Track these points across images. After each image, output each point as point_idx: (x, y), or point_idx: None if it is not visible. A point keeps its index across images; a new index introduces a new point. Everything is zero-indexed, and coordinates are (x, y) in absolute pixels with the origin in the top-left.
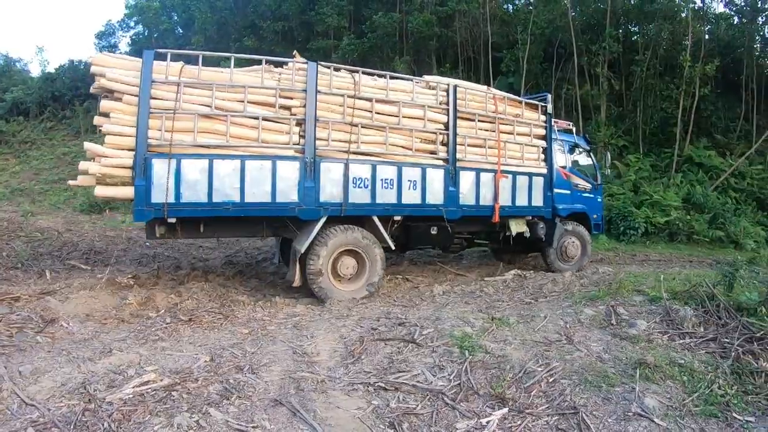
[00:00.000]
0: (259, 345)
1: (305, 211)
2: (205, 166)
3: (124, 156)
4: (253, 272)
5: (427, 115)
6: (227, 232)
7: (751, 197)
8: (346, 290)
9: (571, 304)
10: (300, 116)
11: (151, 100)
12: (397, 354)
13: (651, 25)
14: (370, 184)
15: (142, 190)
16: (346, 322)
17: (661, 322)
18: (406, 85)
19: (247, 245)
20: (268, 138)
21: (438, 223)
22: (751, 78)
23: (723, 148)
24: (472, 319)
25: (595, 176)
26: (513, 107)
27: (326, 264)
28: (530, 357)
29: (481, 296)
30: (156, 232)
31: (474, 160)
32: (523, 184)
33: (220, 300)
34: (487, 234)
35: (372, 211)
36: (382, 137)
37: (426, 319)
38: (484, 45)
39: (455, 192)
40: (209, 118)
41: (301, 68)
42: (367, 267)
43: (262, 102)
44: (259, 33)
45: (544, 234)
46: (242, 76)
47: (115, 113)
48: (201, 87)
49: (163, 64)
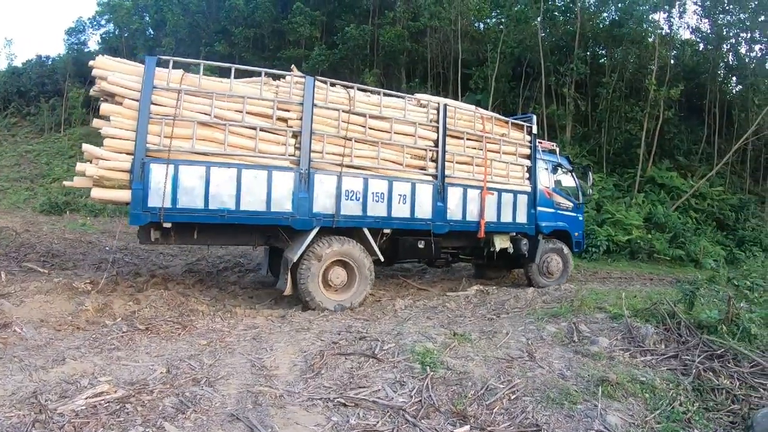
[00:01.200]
0: (217, 357)
1: (298, 221)
2: (203, 172)
3: (122, 159)
4: (213, 281)
5: (417, 132)
6: (220, 240)
7: (711, 218)
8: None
9: (533, 320)
10: (296, 128)
11: (151, 106)
12: (357, 369)
13: (618, 49)
14: (362, 197)
15: (139, 194)
16: (307, 335)
17: (623, 339)
18: (399, 103)
19: (210, 253)
20: (265, 148)
21: (425, 237)
22: (713, 103)
23: (685, 169)
24: (433, 334)
25: (577, 195)
26: (500, 127)
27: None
28: (492, 374)
29: (443, 311)
30: (151, 236)
31: (462, 177)
32: (508, 202)
33: (179, 309)
34: (472, 249)
35: (362, 224)
36: (374, 152)
37: (387, 333)
38: (454, 61)
39: (443, 207)
40: (208, 126)
41: (299, 82)
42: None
43: (259, 113)
44: (230, 38)
45: (527, 250)
46: (241, 86)
47: (115, 117)
48: (201, 95)
49: (165, 71)
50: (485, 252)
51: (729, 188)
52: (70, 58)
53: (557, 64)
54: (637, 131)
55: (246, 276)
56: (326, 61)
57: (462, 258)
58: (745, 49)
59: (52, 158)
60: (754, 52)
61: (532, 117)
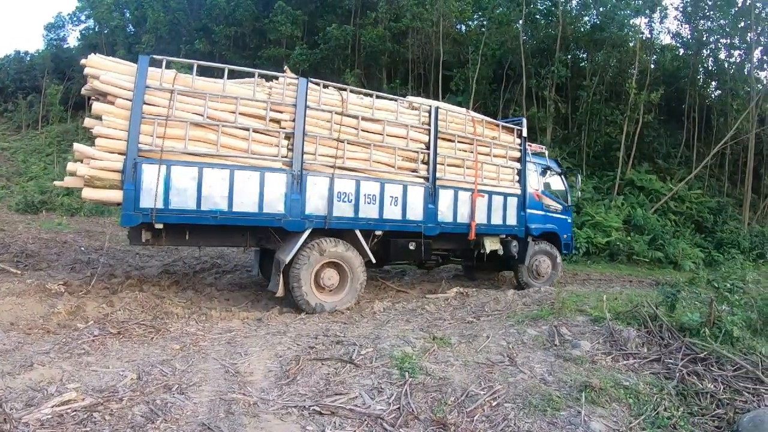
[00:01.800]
0: (190, 362)
1: (291, 222)
2: (195, 173)
3: (114, 159)
4: (189, 283)
5: (409, 135)
6: (212, 241)
7: (689, 220)
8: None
9: (513, 323)
10: (289, 130)
11: (144, 106)
12: (334, 375)
13: (599, 53)
14: (354, 198)
15: (131, 195)
16: (283, 339)
17: (605, 342)
18: (391, 105)
19: (186, 254)
20: (258, 149)
21: (416, 239)
22: (693, 107)
23: (664, 172)
24: (412, 338)
25: (566, 198)
26: (490, 130)
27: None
28: (472, 379)
29: (422, 314)
30: (142, 237)
31: (453, 179)
32: (498, 204)
33: (154, 311)
34: (462, 251)
35: (355, 225)
36: (366, 154)
37: (365, 337)
38: (435, 63)
39: (434, 209)
40: (201, 127)
41: (292, 83)
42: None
43: (252, 114)
44: (210, 37)
45: (516, 252)
46: (234, 87)
47: (107, 116)
48: (194, 96)
49: (158, 71)
50: (475, 254)
51: (707, 191)
52: (49, 54)
53: (538, 67)
54: (617, 134)
55: (223, 277)
56: (307, 61)
57: (452, 260)
58: (725, 54)
59: (29, 156)
60: (733, 58)
61: (522, 120)
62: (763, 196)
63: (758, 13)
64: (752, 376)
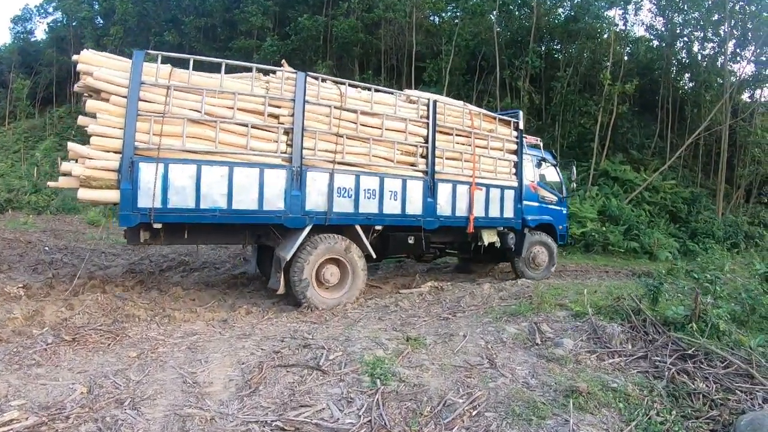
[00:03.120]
0: (146, 372)
1: (291, 219)
2: (194, 171)
3: (109, 158)
4: (155, 282)
5: (408, 128)
6: (210, 239)
7: (664, 210)
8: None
9: (491, 320)
10: (288, 125)
11: (139, 102)
12: (299, 384)
13: (574, 44)
14: (354, 194)
15: (129, 195)
16: (247, 342)
17: (588, 340)
18: (389, 99)
19: (153, 252)
20: (257, 146)
21: (415, 233)
22: (666, 99)
23: (637, 163)
24: (384, 339)
25: (560, 189)
26: (487, 123)
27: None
28: (450, 385)
29: (395, 311)
30: (140, 237)
31: (451, 173)
32: (495, 197)
33: (114, 314)
34: (460, 244)
35: (355, 221)
36: (365, 148)
37: (334, 339)
38: (408, 54)
39: (433, 203)
40: (198, 124)
41: (290, 78)
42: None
43: (250, 109)
44: (180, 28)
45: (513, 244)
46: (232, 82)
47: (101, 114)
48: (191, 91)
49: (153, 66)
50: (472, 246)
51: (681, 182)
52: (16, 48)
53: (512, 58)
54: (591, 125)
55: (190, 276)
56: (278, 52)
57: (449, 253)
58: (698, 47)
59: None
60: (706, 50)
61: (518, 113)
62: (735, 186)
63: (732, 6)
64: (743, 373)
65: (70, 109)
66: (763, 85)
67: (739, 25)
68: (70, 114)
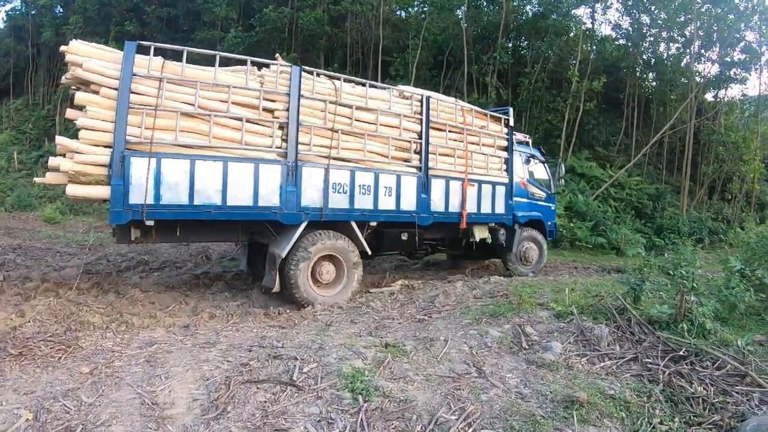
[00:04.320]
0: (100, 392)
1: (286, 215)
2: (187, 166)
3: (99, 153)
4: (112, 284)
5: (402, 124)
6: (203, 237)
7: (629, 206)
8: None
9: (471, 321)
10: (283, 120)
11: (131, 95)
12: (272, 402)
13: (543, 41)
14: (349, 189)
15: (120, 191)
16: (212, 353)
17: (576, 342)
18: (383, 94)
19: (111, 251)
20: (251, 140)
21: (409, 229)
22: (632, 97)
23: (603, 160)
24: (361, 347)
25: (549, 186)
26: (479, 119)
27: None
28: (440, 400)
29: (368, 312)
30: (131, 235)
31: (444, 169)
32: (487, 193)
33: (68, 321)
34: (451, 240)
35: (350, 217)
36: (360, 144)
37: (307, 348)
38: (375, 48)
39: (427, 199)
40: (192, 117)
41: (285, 71)
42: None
43: (245, 103)
44: (142, 18)
45: (504, 240)
46: (226, 75)
47: (91, 106)
48: (184, 84)
49: (146, 58)
50: (464, 243)
51: (646, 178)
52: None
53: (480, 53)
54: (558, 121)
55: (150, 276)
56: (242, 44)
57: (440, 249)
58: (664, 47)
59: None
60: (672, 50)
61: (509, 110)
62: (699, 183)
63: (699, 8)
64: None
65: (27, 101)
66: (728, 85)
67: (704, 27)
68: (27, 106)
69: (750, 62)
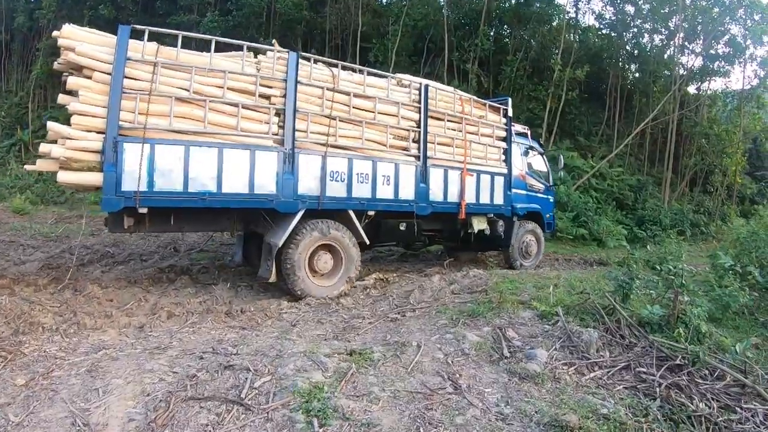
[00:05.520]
0: (31, 408)
1: (283, 203)
2: (181, 153)
3: (92, 138)
4: (72, 279)
5: (400, 113)
6: (197, 226)
7: (611, 197)
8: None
9: (447, 322)
10: (279, 106)
11: (124, 80)
12: (215, 426)
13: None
14: (347, 177)
15: (112, 177)
16: (160, 360)
17: (563, 349)
18: (381, 82)
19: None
20: (247, 127)
21: (407, 219)
22: (615, 87)
23: (585, 150)
24: (323, 355)
25: (547, 178)
26: (478, 109)
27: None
28: (407, 423)
29: (337, 311)
30: (124, 223)
31: (443, 158)
32: (486, 183)
33: (18, 322)
34: (449, 231)
35: (348, 205)
36: (358, 132)
37: (264, 355)
38: (354, 34)
39: (425, 188)
40: (187, 103)
41: (282, 57)
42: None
43: (241, 89)
44: (116, 2)
45: (503, 232)
46: (222, 60)
47: (84, 91)
48: (179, 69)
49: (140, 43)
50: (462, 234)
51: (628, 169)
52: None
53: (461, 40)
54: (540, 110)
55: (113, 270)
56: (218, 28)
57: (438, 241)
58: (647, 38)
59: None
60: (655, 42)
61: (507, 99)
62: (681, 175)
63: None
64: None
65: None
66: (711, 78)
67: (689, 19)
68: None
69: (734, 56)
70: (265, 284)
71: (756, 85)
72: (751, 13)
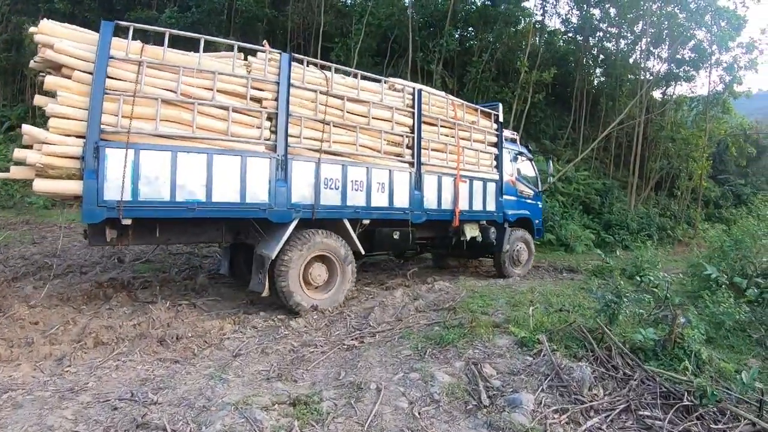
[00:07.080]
0: None
1: (276, 213)
2: (168, 159)
3: (71, 143)
4: None
5: (394, 118)
6: (185, 237)
7: (577, 201)
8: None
9: (411, 353)
10: (271, 110)
11: (107, 80)
12: None
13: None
14: (341, 185)
15: (93, 186)
16: (66, 410)
17: (551, 389)
18: (375, 86)
19: (14, 253)
20: (238, 131)
21: (402, 227)
22: (581, 91)
23: (551, 153)
24: (259, 408)
25: (536, 184)
26: (470, 114)
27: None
28: None
29: (286, 335)
30: (106, 236)
31: (436, 165)
32: (478, 189)
33: None
34: (441, 239)
35: (343, 214)
36: (352, 137)
37: (188, 406)
38: (316, 33)
39: (420, 195)
40: (173, 105)
41: (273, 59)
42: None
43: (231, 92)
44: None
45: (495, 238)
46: (211, 61)
47: (62, 92)
48: (165, 69)
49: (123, 41)
50: (453, 241)
51: (593, 173)
52: None
53: (426, 41)
54: (505, 113)
55: (47, 284)
56: (177, 25)
57: (429, 248)
58: (613, 43)
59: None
60: (620, 46)
61: (497, 105)
62: (646, 179)
63: (649, 6)
64: None
65: None
66: (677, 82)
67: (655, 24)
68: None
69: (699, 61)
70: (214, 302)
71: (721, 91)
72: (717, 19)
